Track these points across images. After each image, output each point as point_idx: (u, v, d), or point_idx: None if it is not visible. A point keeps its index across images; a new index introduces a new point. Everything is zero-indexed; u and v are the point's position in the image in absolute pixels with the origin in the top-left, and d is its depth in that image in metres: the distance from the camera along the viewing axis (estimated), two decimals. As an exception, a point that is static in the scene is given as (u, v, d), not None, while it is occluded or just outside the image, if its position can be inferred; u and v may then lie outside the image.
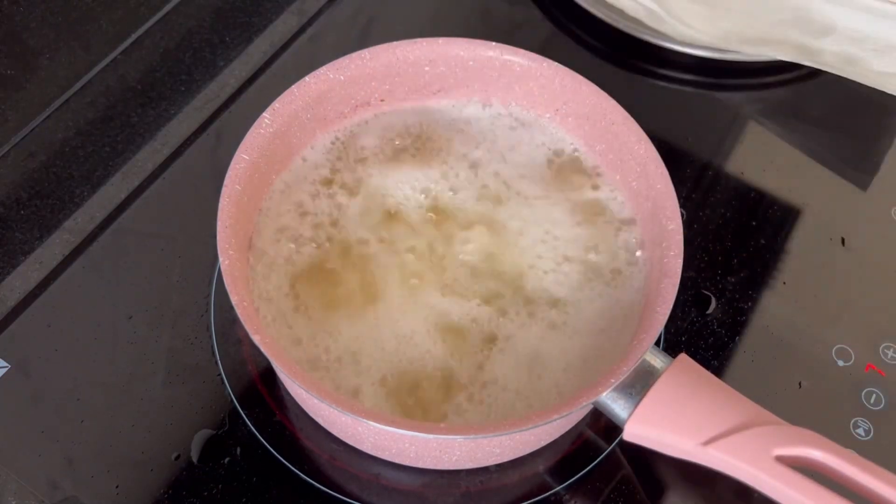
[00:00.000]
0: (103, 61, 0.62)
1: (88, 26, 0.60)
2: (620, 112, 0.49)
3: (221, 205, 0.44)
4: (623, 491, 0.47)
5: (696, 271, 0.55)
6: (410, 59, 0.51)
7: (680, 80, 0.65)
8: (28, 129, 0.59)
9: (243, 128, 0.47)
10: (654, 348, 0.42)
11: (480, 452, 0.45)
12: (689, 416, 0.40)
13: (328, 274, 0.47)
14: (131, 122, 0.60)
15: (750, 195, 0.59)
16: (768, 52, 0.62)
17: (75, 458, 0.47)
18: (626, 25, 0.65)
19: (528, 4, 0.69)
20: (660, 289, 0.43)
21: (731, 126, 0.63)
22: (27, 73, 0.57)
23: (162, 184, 0.57)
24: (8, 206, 0.56)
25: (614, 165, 0.51)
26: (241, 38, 0.65)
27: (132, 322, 0.51)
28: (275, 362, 0.41)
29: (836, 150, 0.62)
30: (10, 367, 0.49)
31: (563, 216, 0.50)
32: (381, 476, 0.47)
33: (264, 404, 0.49)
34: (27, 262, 0.54)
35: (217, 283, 0.52)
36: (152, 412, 0.48)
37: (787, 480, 0.38)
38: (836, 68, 0.61)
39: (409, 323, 0.46)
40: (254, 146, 0.47)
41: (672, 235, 0.45)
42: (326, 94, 0.50)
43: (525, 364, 0.45)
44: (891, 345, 0.52)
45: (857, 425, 0.49)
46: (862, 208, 0.59)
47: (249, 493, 0.46)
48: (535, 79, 0.51)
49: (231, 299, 0.41)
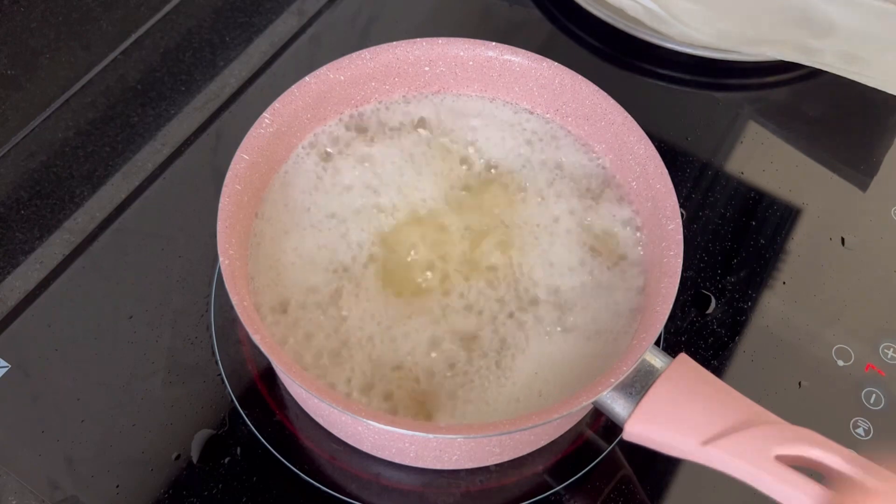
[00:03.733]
0: (103, 61, 0.62)
1: (88, 26, 0.60)
2: (620, 112, 0.49)
3: (221, 205, 0.44)
4: (623, 491, 0.47)
5: (696, 271, 0.55)
6: (410, 59, 0.51)
7: (680, 79, 0.65)
8: (28, 129, 0.59)
9: (243, 128, 0.47)
10: (654, 348, 0.42)
11: (480, 452, 0.45)
12: (689, 416, 0.40)
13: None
14: (131, 122, 0.60)
15: (750, 195, 0.59)
16: (768, 51, 0.62)
17: (75, 458, 0.47)
18: (626, 25, 0.65)
19: (528, 4, 0.69)
20: (660, 288, 0.43)
21: (730, 126, 0.63)
22: (27, 73, 0.57)
23: (162, 184, 0.57)
24: (8, 206, 0.56)
25: (614, 165, 0.51)
26: (241, 38, 0.65)
27: (132, 322, 0.51)
28: (275, 362, 0.41)
29: (836, 150, 0.62)
30: (10, 367, 0.49)
31: (563, 215, 0.50)
32: (381, 476, 0.47)
33: (264, 404, 0.49)
34: (27, 262, 0.54)
35: (217, 283, 0.52)
36: (152, 412, 0.48)
37: (787, 480, 0.38)
38: (836, 68, 0.61)
39: (410, 322, 0.46)
40: (254, 146, 0.47)
41: (672, 235, 0.45)
42: (326, 94, 0.50)
43: (524, 363, 0.45)
44: (891, 345, 0.52)
45: (857, 425, 0.49)
46: (862, 208, 0.59)
47: (249, 493, 0.46)
48: (535, 79, 0.51)
49: (231, 299, 0.41)
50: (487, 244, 0.48)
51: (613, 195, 0.50)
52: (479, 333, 0.45)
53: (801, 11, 0.64)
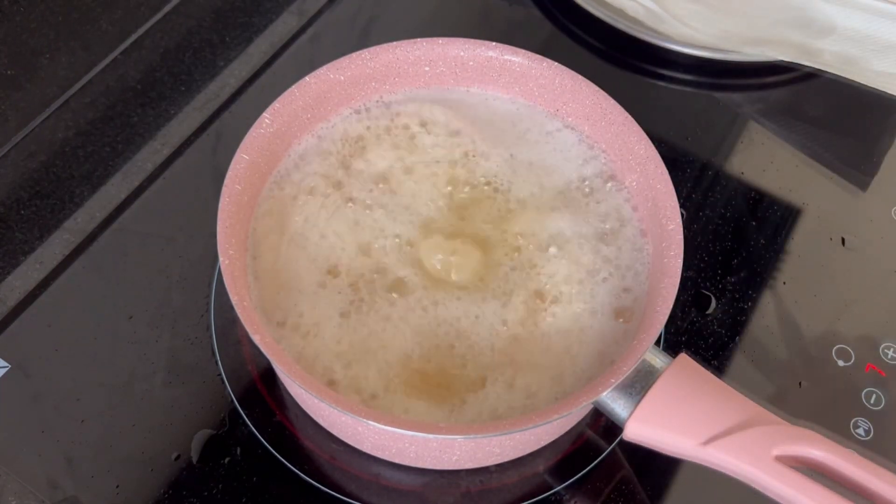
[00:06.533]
0: (103, 61, 0.62)
1: (88, 26, 0.60)
2: (620, 112, 0.49)
3: (221, 205, 0.44)
4: (623, 491, 0.47)
5: (696, 271, 0.55)
6: (410, 59, 0.51)
7: (680, 80, 0.65)
8: (28, 129, 0.59)
9: (243, 128, 0.47)
10: (654, 348, 0.42)
11: (481, 452, 0.45)
12: (689, 416, 0.40)
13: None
14: (131, 122, 0.60)
15: (750, 195, 0.59)
16: (768, 52, 0.62)
17: (75, 458, 0.47)
18: (626, 25, 0.65)
19: (528, 4, 0.69)
20: (660, 288, 0.43)
21: (730, 126, 0.63)
22: (27, 73, 0.57)
23: (162, 184, 0.57)
24: (8, 206, 0.56)
25: (614, 165, 0.51)
26: (241, 38, 0.65)
27: (132, 322, 0.51)
28: (275, 362, 0.41)
29: (836, 150, 0.62)
30: (10, 367, 0.49)
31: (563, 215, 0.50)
32: (381, 476, 0.47)
33: (264, 404, 0.49)
34: (27, 262, 0.54)
35: (217, 283, 0.52)
36: (152, 412, 0.48)
37: (787, 480, 0.38)
38: (835, 68, 0.61)
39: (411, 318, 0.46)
40: (254, 146, 0.47)
41: (672, 235, 0.45)
42: (326, 94, 0.50)
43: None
44: (891, 345, 0.52)
45: (857, 425, 0.49)
46: (862, 208, 0.59)
47: (249, 493, 0.46)
48: (535, 79, 0.51)
49: (231, 299, 0.41)
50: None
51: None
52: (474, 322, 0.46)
53: (801, 12, 0.64)
